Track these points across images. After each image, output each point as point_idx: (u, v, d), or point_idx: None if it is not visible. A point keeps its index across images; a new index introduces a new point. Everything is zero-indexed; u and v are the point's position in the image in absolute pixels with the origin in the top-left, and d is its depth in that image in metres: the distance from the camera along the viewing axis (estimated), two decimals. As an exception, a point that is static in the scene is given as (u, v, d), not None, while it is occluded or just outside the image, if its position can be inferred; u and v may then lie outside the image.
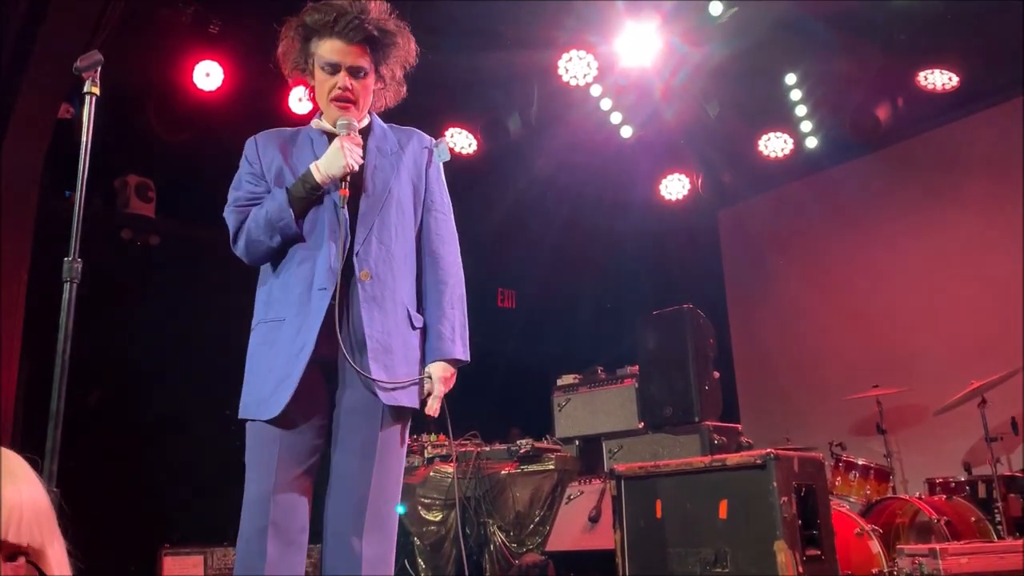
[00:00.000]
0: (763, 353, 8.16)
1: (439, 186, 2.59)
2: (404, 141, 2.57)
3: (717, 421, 5.00)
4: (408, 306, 2.41)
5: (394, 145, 2.53)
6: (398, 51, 2.44)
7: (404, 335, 2.36)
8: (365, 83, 2.40)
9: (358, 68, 2.37)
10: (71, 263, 2.10)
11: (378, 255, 2.35)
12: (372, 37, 2.36)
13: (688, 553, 3.45)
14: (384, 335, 2.31)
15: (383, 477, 2.29)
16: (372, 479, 2.26)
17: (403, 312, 2.38)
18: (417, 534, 5.29)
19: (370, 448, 2.29)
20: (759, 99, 7.00)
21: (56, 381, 1.95)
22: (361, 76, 2.38)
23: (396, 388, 2.30)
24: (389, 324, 2.33)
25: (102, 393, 5.74)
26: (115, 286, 5.74)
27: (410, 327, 2.40)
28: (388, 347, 2.31)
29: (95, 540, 5.23)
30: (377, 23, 2.37)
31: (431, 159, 2.58)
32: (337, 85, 2.37)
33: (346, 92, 2.37)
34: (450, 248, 2.53)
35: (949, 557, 3.52)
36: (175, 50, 5.70)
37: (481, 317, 9.94)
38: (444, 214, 2.57)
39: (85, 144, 2.18)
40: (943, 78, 6.50)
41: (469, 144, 7.05)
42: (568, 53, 6.17)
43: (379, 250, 2.35)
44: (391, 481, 2.33)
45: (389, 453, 2.32)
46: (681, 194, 7.97)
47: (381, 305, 2.32)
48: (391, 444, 2.34)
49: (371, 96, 2.47)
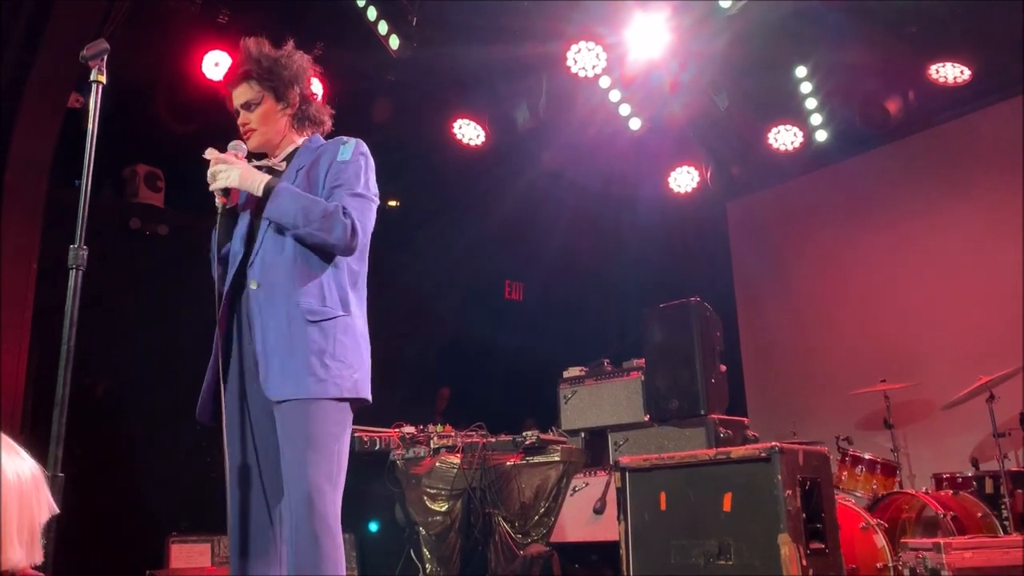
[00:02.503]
0: (770, 346, 8.15)
1: (345, 173, 2.56)
2: (323, 151, 2.66)
3: (723, 414, 4.99)
4: (300, 303, 2.43)
5: (309, 158, 2.65)
6: (281, 70, 2.65)
7: (292, 333, 2.41)
8: (261, 111, 2.65)
9: (246, 103, 2.65)
10: (77, 250, 2.12)
11: (267, 263, 2.49)
12: (248, 72, 2.63)
13: (692, 545, 3.46)
14: (267, 338, 2.43)
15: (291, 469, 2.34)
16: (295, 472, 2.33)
17: (294, 311, 2.43)
18: (423, 524, 5.30)
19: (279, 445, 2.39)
20: (769, 92, 6.97)
21: (62, 368, 1.97)
22: (253, 107, 2.65)
23: (289, 383, 2.37)
24: (272, 326, 2.44)
25: (110, 382, 5.77)
26: (124, 275, 5.77)
27: (304, 323, 2.42)
28: (272, 349, 2.41)
29: (104, 528, 5.28)
30: (251, 57, 2.64)
31: (336, 155, 2.62)
32: (239, 122, 2.68)
33: (243, 127, 2.67)
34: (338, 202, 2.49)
35: (952, 552, 3.51)
36: (184, 40, 5.72)
37: (488, 309, 10.04)
38: (341, 187, 2.53)
39: (91, 132, 2.20)
40: (955, 71, 6.45)
41: (477, 136, 7.04)
42: (577, 45, 6.15)
43: (271, 258, 2.49)
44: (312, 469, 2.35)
45: (295, 445, 2.35)
46: (690, 187, 7.94)
47: (269, 309, 2.45)
48: (294, 436, 2.36)
49: (276, 118, 2.67)
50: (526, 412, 6.79)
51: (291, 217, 2.43)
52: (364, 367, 2.50)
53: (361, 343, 2.52)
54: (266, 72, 2.63)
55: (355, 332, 2.49)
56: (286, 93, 2.66)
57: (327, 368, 2.38)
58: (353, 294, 2.55)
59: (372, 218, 2.56)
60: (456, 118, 6.97)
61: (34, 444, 1.27)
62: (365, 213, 2.51)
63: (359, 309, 2.56)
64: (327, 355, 2.39)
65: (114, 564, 5.30)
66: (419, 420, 5.73)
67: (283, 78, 2.65)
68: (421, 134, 7.00)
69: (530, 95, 6.72)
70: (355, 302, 2.54)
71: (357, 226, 2.44)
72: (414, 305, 7.72)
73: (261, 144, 2.70)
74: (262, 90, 2.64)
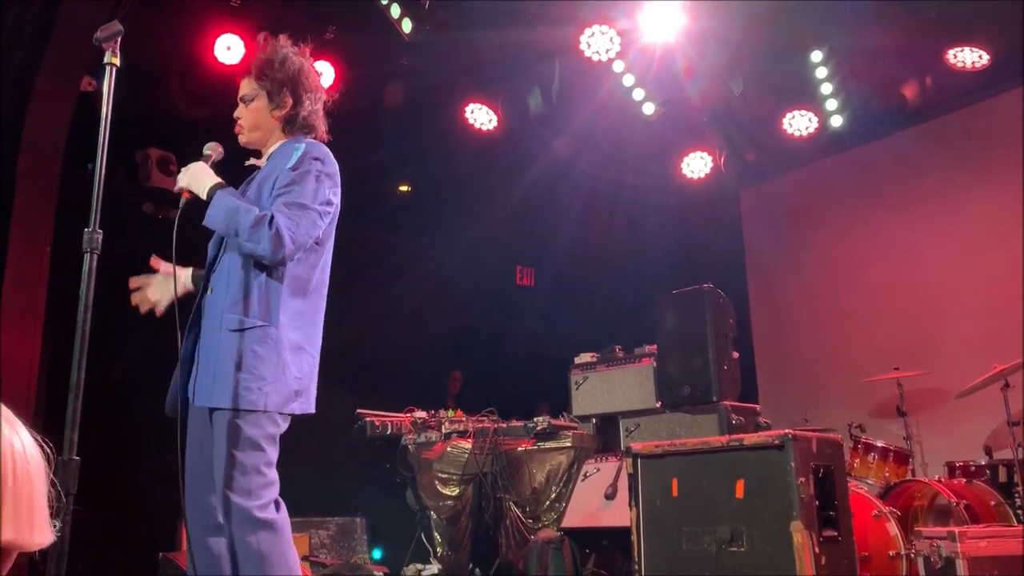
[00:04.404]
0: (783, 333, 8.11)
1: (288, 181, 2.54)
2: (281, 154, 2.67)
3: (735, 401, 4.97)
4: (224, 312, 2.48)
5: (274, 160, 2.67)
6: (275, 71, 2.69)
7: (217, 342, 2.47)
8: (252, 107, 2.72)
9: (243, 97, 2.73)
10: (91, 233, 2.12)
11: (219, 272, 2.58)
12: (250, 68, 2.73)
13: (704, 532, 3.45)
14: (201, 344, 2.53)
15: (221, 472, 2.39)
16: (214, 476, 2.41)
17: (221, 319, 2.49)
18: (434, 508, 5.33)
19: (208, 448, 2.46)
20: (784, 77, 6.91)
21: (76, 352, 1.97)
22: (247, 102, 2.72)
23: (204, 391, 2.46)
24: (206, 332, 2.53)
25: (124, 366, 5.80)
26: (136, 260, 5.78)
27: (224, 332, 2.46)
28: (202, 356, 2.50)
29: (118, 513, 5.31)
30: (257, 57, 2.73)
31: (287, 161, 2.61)
32: (235, 115, 2.76)
33: (236, 120, 2.76)
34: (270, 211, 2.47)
35: (968, 540, 3.49)
36: (196, 24, 5.70)
37: (499, 295, 10.01)
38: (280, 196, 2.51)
39: (105, 115, 2.20)
40: (973, 56, 6.37)
41: (489, 120, 7.01)
42: (591, 28, 6.10)
43: (225, 266, 2.56)
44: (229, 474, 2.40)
45: (221, 450, 2.40)
46: (703, 172, 7.89)
47: (208, 315, 2.56)
48: (220, 441, 2.41)
49: (266, 117, 2.72)
50: (537, 398, 6.80)
51: (223, 226, 2.47)
52: (282, 380, 2.46)
53: (284, 355, 2.47)
54: (262, 71, 2.69)
55: (278, 344, 2.47)
56: (278, 94, 2.69)
57: (237, 380, 2.40)
58: (292, 302, 2.52)
59: (309, 226, 2.49)
60: (468, 102, 6.94)
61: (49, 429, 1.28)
62: (299, 222, 2.46)
63: (294, 319, 2.52)
64: (239, 366, 2.42)
65: (128, 546, 5.35)
66: (432, 406, 5.75)
67: (276, 79, 2.68)
68: (433, 119, 6.98)
69: (543, 79, 6.67)
70: (289, 312, 2.51)
71: (284, 236, 2.41)
72: (426, 291, 7.73)
73: (250, 141, 2.76)
74: (258, 88, 2.70)
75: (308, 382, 2.56)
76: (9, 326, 4.93)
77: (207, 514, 2.45)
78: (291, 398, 2.49)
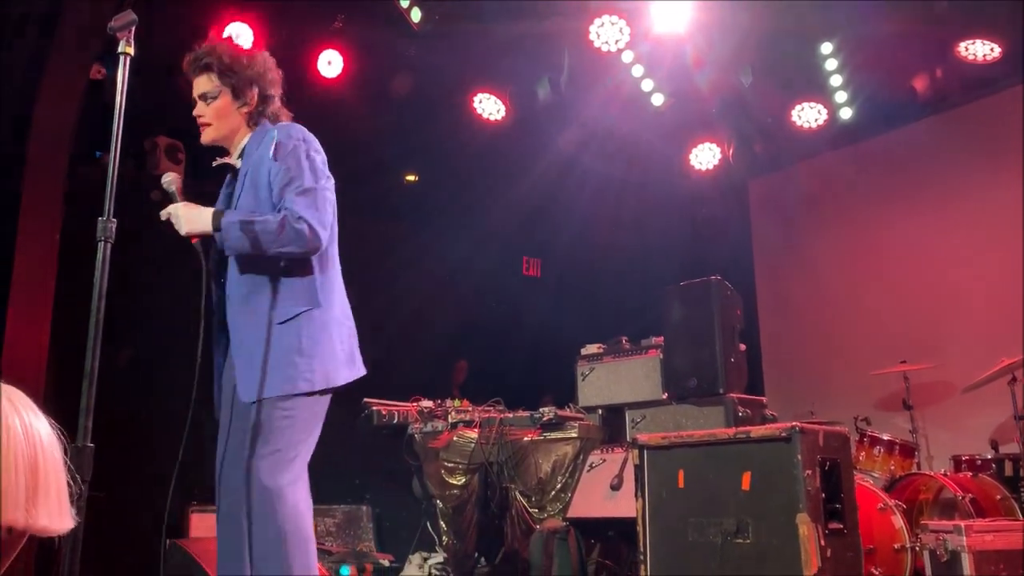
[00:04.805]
0: (790, 326, 8.10)
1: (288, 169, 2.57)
2: (261, 145, 2.67)
3: (742, 393, 4.97)
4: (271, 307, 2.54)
5: (252, 155, 2.68)
6: (244, 68, 2.69)
7: (261, 338, 2.53)
8: (216, 105, 2.69)
9: (203, 94, 2.70)
10: (105, 222, 2.13)
11: (232, 277, 2.63)
12: (210, 64, 2.69)
13: (709, 523, 3.46)
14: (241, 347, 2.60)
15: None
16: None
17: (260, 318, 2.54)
18: (440, 497, 5.35)
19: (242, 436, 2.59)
20: (794, 68, 6.88)
21: (90, 340, 1.98)
22: (210, 100, 2.69)
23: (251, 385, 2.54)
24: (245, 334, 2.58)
25: (133, 354, 5.82)
26: (143, 248, 5.79)
27: (276, 324, 2.52)
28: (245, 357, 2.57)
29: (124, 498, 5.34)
30: (214, 51, 2.71)
31: (270, 150, 2.63)
32: (195, 113, 2.72)
33: (198, 118, 2.72)
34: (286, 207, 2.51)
35: (974, 534, 3.49)
36: (205, 12, 5.70)
37: (506, 285, 10.00)
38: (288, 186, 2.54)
39: (119, 104, 2.20)
40: (984, 48, 6.34)
41: (498, 111, 6.99)
42: (600, 18, 6.08)
43: (236, 269, 2.61)
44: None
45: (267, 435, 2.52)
46: (712, 163, 7.87)
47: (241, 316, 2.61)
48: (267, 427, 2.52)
49: (231, 114, 2.72)
50: (543, 388, 6.80)
51: (249, 246, 2.48)
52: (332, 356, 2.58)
53: (331, 331, 2.59)
54: (227, 67, 2.68)
55: (326, 324, 2.57)
56: (244, 91, 2.70)
57: (294, 365, 2.50)
58: (322, 279, 2.60)
59: (326, 205, 2.55)
60: (476, 92, 6.92)
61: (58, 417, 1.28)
62: (317, 205, 2.50)
63: (327, 296, 2.61)
64: (298, 352, 2.51)
65: (136, 533, 5.38)
66: (438, 395, 5.75)
67: (244, 76, 2.69)
68: (441, 109, 6.96)
69: (552, 69, 6.65)
70: (324, 290, 2.60)
71: (314, 225, 2.45)
72: (433, 281, 7.73)
73: (215, 138, 2.76)
74: (220, 84, 2.69)
75: (352, 349, 2.66)
76: (18, 313, 4.95)
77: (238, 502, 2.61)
78: (343, 369, 2.60)
